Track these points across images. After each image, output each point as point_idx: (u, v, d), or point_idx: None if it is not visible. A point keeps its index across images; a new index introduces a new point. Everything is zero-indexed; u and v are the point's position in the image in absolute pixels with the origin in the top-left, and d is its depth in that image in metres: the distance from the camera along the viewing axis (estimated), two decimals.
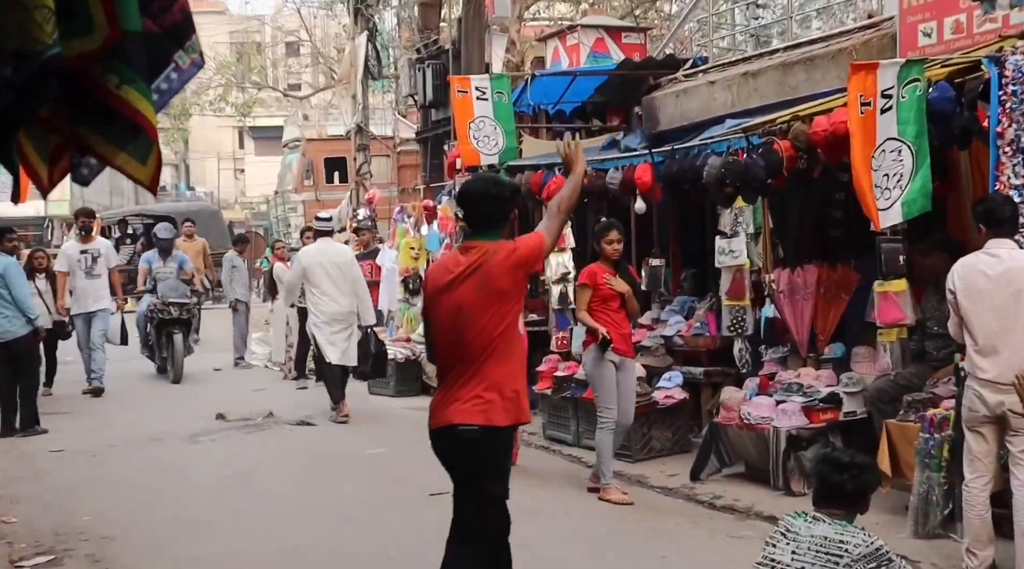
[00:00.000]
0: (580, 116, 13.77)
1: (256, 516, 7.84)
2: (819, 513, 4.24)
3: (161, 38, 3.45)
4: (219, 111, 36.52)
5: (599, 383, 8.16)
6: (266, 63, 37.28)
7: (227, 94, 34.55)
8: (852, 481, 4.27)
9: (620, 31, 17.44)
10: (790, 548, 4.16)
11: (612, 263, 8.21)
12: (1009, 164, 6.51)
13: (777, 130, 8.50)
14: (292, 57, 43.08)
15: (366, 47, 18.11)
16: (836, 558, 4.03)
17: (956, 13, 8.35)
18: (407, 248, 15.13)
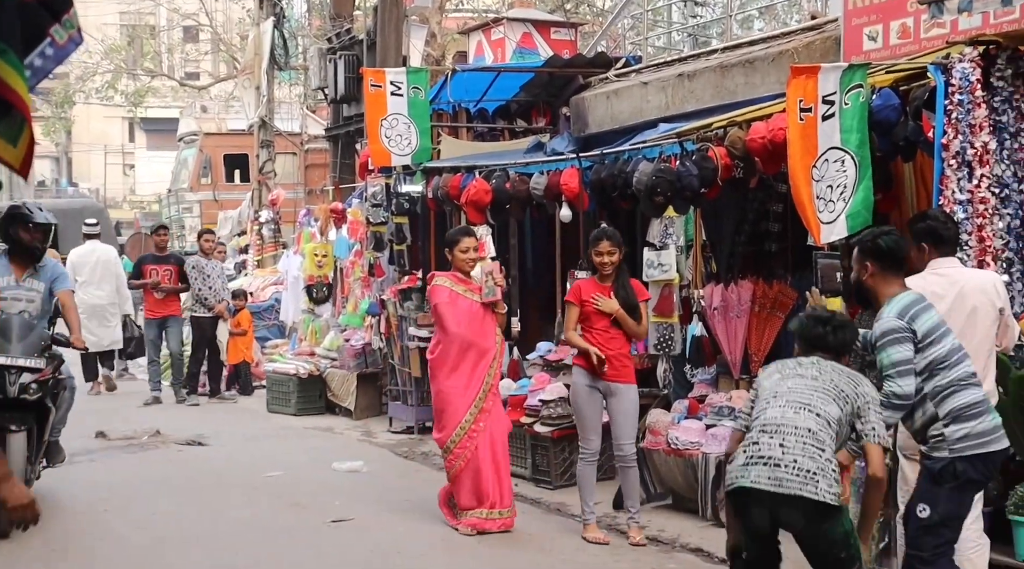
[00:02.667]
0: (503, 116, 13.82)
1: (141, 545, 7.72)
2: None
3: (37, 8, 3.40)
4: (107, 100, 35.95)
5: (578, 412, 7.93)
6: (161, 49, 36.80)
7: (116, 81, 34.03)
8: (833, 333, 5.21)
9: (549, 26, 17.60)
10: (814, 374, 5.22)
11: (609, 277, 7.78)
12: (954, 177, 6.67)
13: (712, 136, 8.63)
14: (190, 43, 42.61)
15: (272, 34, 17.98)
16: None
17: (903, 17, 8.56)
18: (312, 254, 15.06)
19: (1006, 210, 6.70)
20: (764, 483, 4.94)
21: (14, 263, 8.47)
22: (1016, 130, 6.72)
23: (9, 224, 8.49)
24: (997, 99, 6.71)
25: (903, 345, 5.40)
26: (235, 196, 24.62)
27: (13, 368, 7.57)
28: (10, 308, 8.10)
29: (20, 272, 8.44)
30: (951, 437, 5.38)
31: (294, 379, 13.75)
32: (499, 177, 10.80)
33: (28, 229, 8.43)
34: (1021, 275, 6.71)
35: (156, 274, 14.39)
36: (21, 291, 8.36)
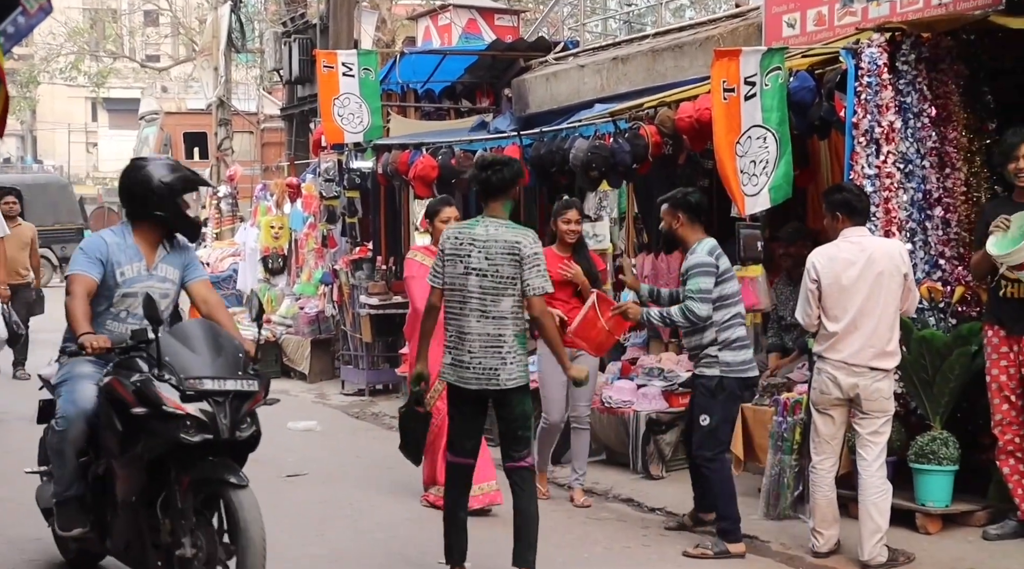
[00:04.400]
0: (449, 96, 13.86)
1: None
2: (487, 218, 5.74)
3: None
4: (71, 80, 35.44)
5: (544, 384, 7.64)
6: (122, 32, 36.29)
7: (79, 62, 33.55)
8: (495, 174, 5.72)
9: (493, 12, 17.57)
10: (483, 254, 5.62)
11: (569, 247, 7.57)
12: (863, 154, 6.83)
13: (644, 115, 8.74)
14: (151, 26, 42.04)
15: (229, 18, 17.85)
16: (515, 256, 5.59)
17: (818, 5, 8.69)
18: (268, 227, 15.03)
19: (910, 184, 6.86)
20: (459, 381, 5.67)
21: (143, 241, 5.49)
22: (919, 110, 6.87)
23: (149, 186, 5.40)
24: (902, 82, 6.86)
25: (708, 278, 6.43)
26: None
27: (220, 394, 4.87)
28: (137, 307, 5.34)
29: (151, 255, 5.51)
30: (723, 360, 6.47)
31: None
32: (445, 154, 10.86)
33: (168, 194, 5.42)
34: (923, 244, 6.88)
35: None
36: (154, 282, 5.46)
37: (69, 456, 5.25)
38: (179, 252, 5.61)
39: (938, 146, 6.95)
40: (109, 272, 5.37)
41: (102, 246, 5.42)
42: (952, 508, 6.55)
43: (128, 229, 5.50)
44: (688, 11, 26.65)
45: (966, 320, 6.81)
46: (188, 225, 5.66)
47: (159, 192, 5.38)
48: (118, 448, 5.01)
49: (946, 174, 6.96)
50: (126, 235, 5.48)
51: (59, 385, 5.38)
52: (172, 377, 4.83)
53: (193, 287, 5.60)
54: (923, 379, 6.56)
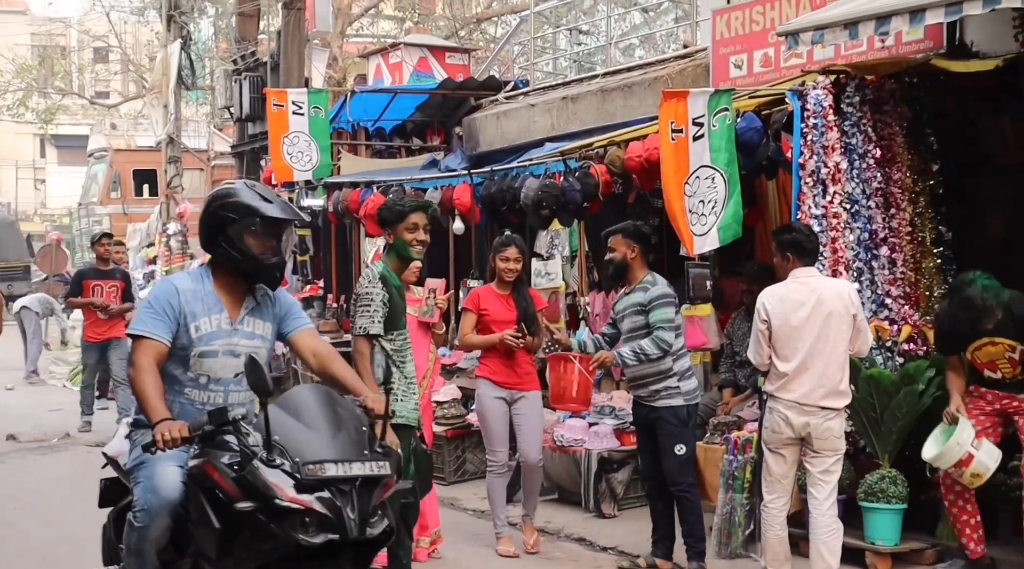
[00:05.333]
0: (400, 135, 13.84)
1: (48, 542, 7.58)
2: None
3: None
4: (18, 117, 35.05)
5: (485, 423, 7.34)
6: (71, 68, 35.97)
7: (27, 99, 33.19)
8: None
9: (444, 51, 17.63)
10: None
11: (508, 285, 7.20)
12: (810, 194, 6.89)
13: (594, 154, 8.79)
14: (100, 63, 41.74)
15: (179, 56, 17.75)
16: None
17: (765, 47, 8.79)
18: None
19: (856, 224, 6.92)
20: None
21: (225, 288, 4.46)
22: (864, 152, 6.95)
23: (226, 223, 4.37)
24: (847, 123, 6.95)
25: (672, 308, 6.56)
26: (144, 209, 24.19)
27: (345, 481, 3.85)
28: (219, 370, 4.38)
29: (236, 306, 4.48)
30: (684, 389, 6.56)
31: None
32: (396, 192, 10.81)
33: (257, 230, 4.38)
34: (870, 283, 6.94)
35: (100, 292, 11.87)
36: (239, 339, 4.43)
37: (150, 557, 4.20)
38: (272, 302, 4.53)
39: (883, 186, 7.03)
40: (182, 327, 4.31)
41: (172, 295, 4.33)
42: (901, 546, 6.56)
43: (207, 273, 4.43)
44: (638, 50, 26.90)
45: (913, 359, 6.86)
46: (267, 270, 4.41)
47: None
48: (215, 550, 3.91)
49: (891, 214, 7.04)
50: (204, 280, 4.41)
51: (135, 469, 4.29)
52: (284, 461, 3.79)
53: (298, 338, 4.57)
54: (871, 418, 6.59)
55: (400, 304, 5.99)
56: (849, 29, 6.59)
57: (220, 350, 4.36)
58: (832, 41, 6.81)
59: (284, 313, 4.58)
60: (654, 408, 6.62)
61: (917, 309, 7.01)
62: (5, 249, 24.37)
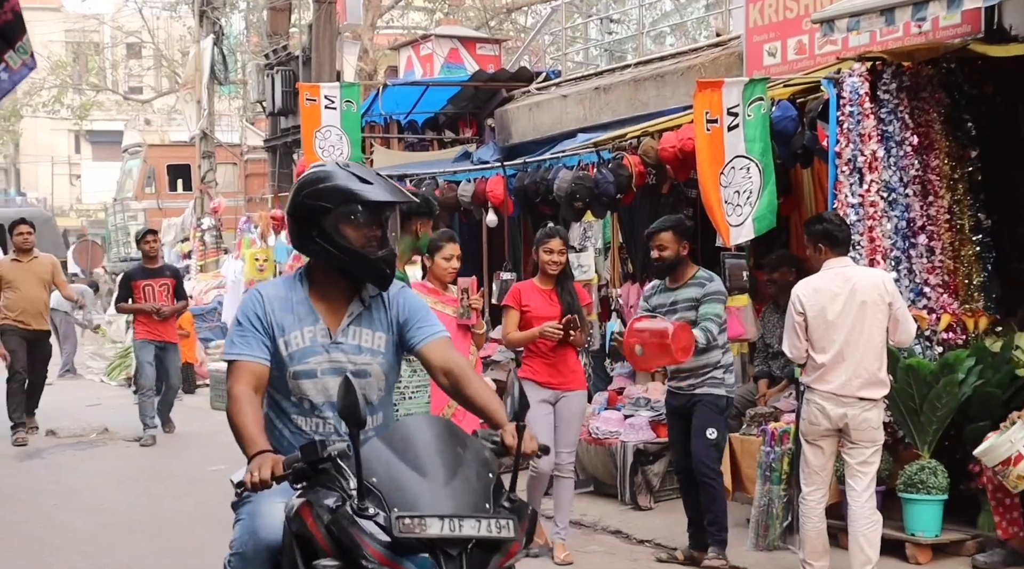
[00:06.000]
0: (432, 127, 13.86)
1: (86, 533, 7.66)
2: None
3: None
4: (54, 114, 35.37)
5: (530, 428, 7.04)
6: (105, 64, 36.26)
7: (62, 96, 33.49)
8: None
9: (474, 42, 17.62)
10: None
11: (552, 279, 6.91)
12: (846, 182, 6.82)
13: (627, 146, 8.74)
14: (133, 59, 42.04)
15: (212, 51, 17.84)
16: None
17: (799, 34, 8.71)
18: (252, 259, 14.97)
19: (893, 213, 6.86)
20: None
21: (322, 298, 3.63)
22: (901, 139, 6.88)
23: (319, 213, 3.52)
24: (884, 110, 6.87)
25: (723, 305, 6.60)
26: (178, 204, 24.38)
27: (454, 544, 3.02)
28: (320, 392, 3.58)
29: (335, 316, 3.63)
30: (727, 381, 6.66)
31: None
32: (429, 185, 10.83)
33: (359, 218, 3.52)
34: (907, 272, 6.87)
35: (151, 292, 11.04)
36: (341, 355, 3.61)
37: None
38: (385, 306, 3.65)
39: (921, 174, 6.96)
40: (274, 342, 3.57)
41: (257, 305, 3.57)
42: (942, 537, 6.50)
43: (301, 278, 3.62)
44: (668, 38, 26.78)
45: (952, 348, 6.79)
46: (373, 266, 3.53)
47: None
48: None
49: (929, 202, 6.97)
50: (297, 286, 3.60)
51: (239, 504, 3.58)
52: (380, 511, 3.01)
53: (428, 351, 3.62)
54: (910, 408, 6.52)
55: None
56: (885, 15, 6.53)
57: (319, 368, 3.56)
58: (868, 28, 6.75)
59: (405, 318, 3.65)
60: (694, 395, 6.61)
61: (956, 297, 6.94)
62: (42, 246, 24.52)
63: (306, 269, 3.64)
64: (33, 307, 11.05)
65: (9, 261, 11.33)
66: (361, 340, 3.62)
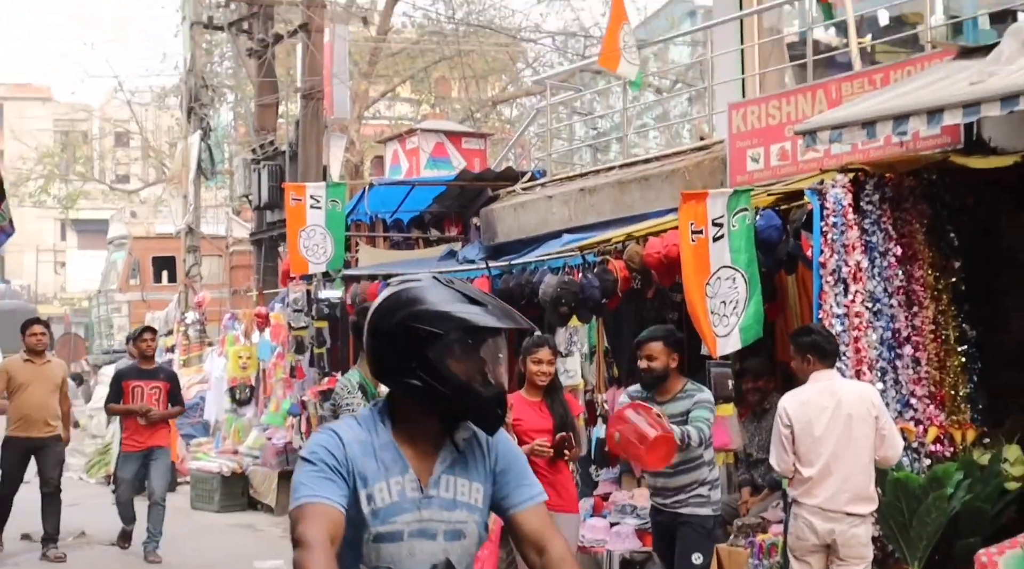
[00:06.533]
0: (418, 226, 13.91)
1: None
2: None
3: None
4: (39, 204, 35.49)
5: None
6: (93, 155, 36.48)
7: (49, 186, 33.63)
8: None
9: (460, 136, 17.77)
10: None
11: (540, 390, 6.65)
12: (831, 293, 6.83)
13: (612, 250, 8.75)
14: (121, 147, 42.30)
15: (199, 147, 17.96)
16: None
17: (782, 141, 8.78)
18: (236, 356, 14.88)
19: (879, 323, 6.85)
20: None
21: (410, 440, 2.95)
22: (885, 249, 6.91)
23: (421, 341, 2.86)
24: (867, 221, 6.91)
25: (712, 414, 6.43)
26: (163, 296, 24.33)
27: None
28: (406, 560, 2.87)
29: (425, 463, 2.96)
30: (713, 499, 6.44)
31: (217, 477, 13.48)
32: None
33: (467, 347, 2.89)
34: (894, 383, 6.85)
35: (141, 394, 10.43)
36: (434, 510, 2.93)
37: None
38: (484, 451, 3.01)
39: (905, 284, 6.98)
40: (353, 494, 2.85)
41: (335, 446, 2.87)
42: None
43: (381, 416, 2.93)
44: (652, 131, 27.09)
45: (940, 460, 6.74)
46: (486, 405, 2.91)
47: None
48: None
49: (914, 312, 6.97)
50: (378, 426, 2.91)
51: None
52: None
53: (525, 518, 3.00)
54: (899, 522, 6.45)
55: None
56: (867, 128, 6.59)
57: (406, 530, 2.87)
58: (850, 140, 6.81)
59: (503, 469, 3.01)
60: (679, 515, 6.45)
61: (943, 409, 6.91)
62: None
63: (385, 405, 2.95)
64: (39, 414, 10.40)
65: (21, 362, 10.57)
66: (457, 492, 2.93)
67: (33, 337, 10.51)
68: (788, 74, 11.22)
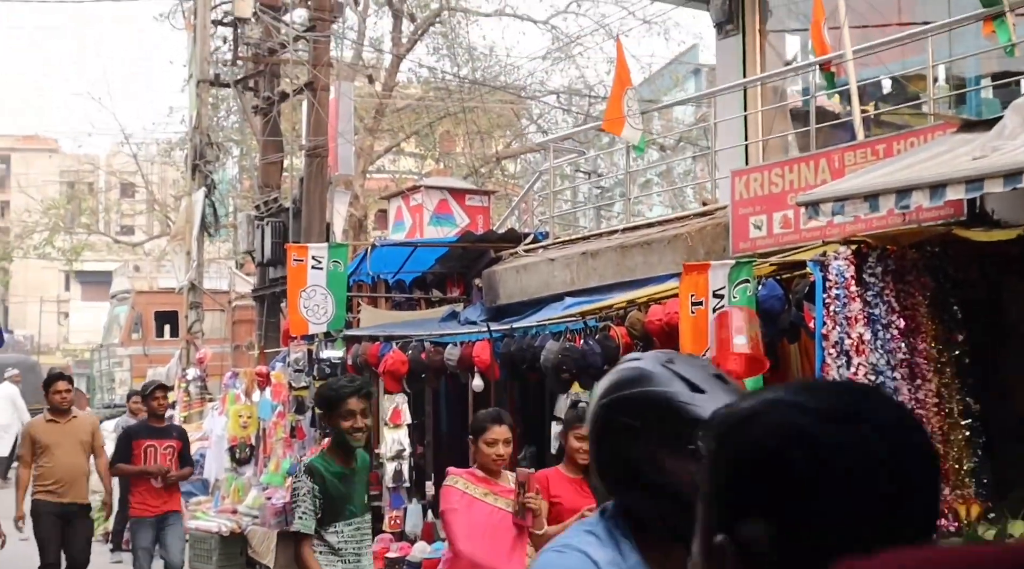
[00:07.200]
0: (420, 286, 13.91)
1: None
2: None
3: None
4: (44, 256, 35.62)
5: None
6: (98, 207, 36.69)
7: (53, 238, 33.78)
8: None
9: (464, 193, 17.83)
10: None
11: (581, 469, 5.99)
12: (834, 365, 6.80)
13: (614, 316, 8.74)
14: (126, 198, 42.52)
15: (203, 204, 18.03)
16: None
17: (784, 209, 8.80)
18: (236, 416, 14.81)
19: None
20: None
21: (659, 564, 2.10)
22: (887, 322, 6.88)
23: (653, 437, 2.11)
24: (870, 293, 6.88)
25: None
26: (165, 351, 24.31)
27: None
28: None
29: None
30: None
31: (216, 537, 13.36)
32: (415, 348, 10.80)
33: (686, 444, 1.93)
34: None
35: (154, 454, 9.81)
36: None
37: None
38: None
39: (908, 357, 6.94)
40: None
41: None
42: None
43: (619, 531, 2.16)
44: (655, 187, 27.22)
45: (945, 536, 6.66)
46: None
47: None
48: None
49: (917, 385, 6.93)
50: (622, 546, 2.13)
51: None
52: None
53: None
54: None
55: (343, 491, 5.58)
56: (869, 201, 6.59)
57: None
58: (852, 213, 6.81)
59: None
60: None
61: (947, 484, 6.84)
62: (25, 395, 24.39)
63: (620, 517, 2.16)
64: (70, 475, 9.66)
65: (44, 422, 9.94)
66: None
67: (57, 395, 9.85)
68: (791, 138, 11.28)
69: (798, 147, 11.15)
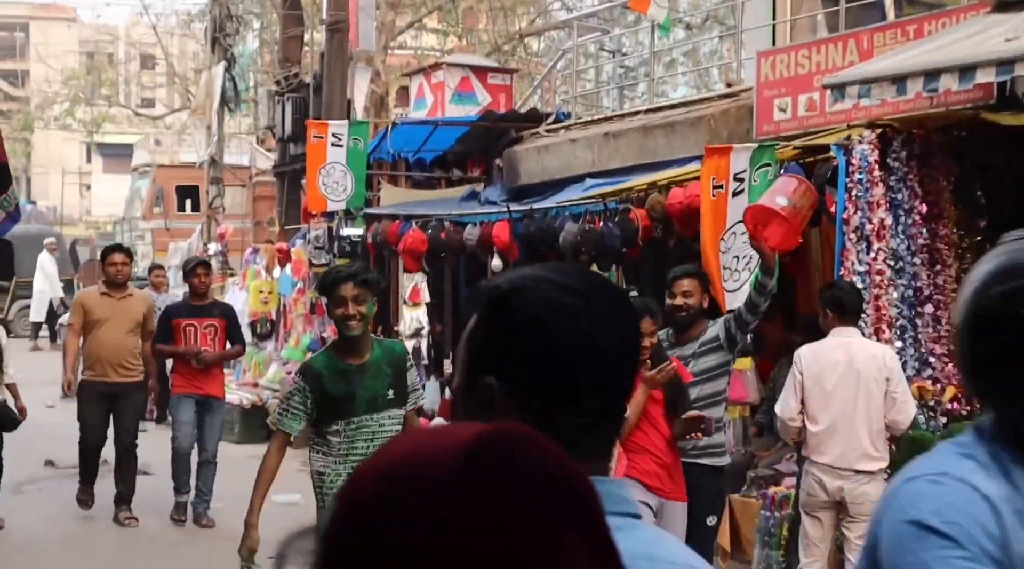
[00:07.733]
0: (440, 165, 13.84)
1: None
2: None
3: None
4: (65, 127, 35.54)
5: None
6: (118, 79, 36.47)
7: (74, 109, 33.65)
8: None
9: (486, 71, 17.61)
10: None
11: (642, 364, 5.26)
12: (854, 250, 6.80)
13: (634, 198, 8.71)
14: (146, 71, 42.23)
15: (223, 78, 17.90)
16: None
17: (810, 91, 8.66)
18: (257, 291, 14.95)
19: (900, 281, 6.83)
20: None
21: None
22: (909, 207, 6.85)
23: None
24: (893, 178, 6.85)
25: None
26: (186, 225, 24.41)
27: None
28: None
29: None
30: (727, 446, 6.42)
31: (238, 409, 13.61)
32: (435, 227, 10.81)
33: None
34: (913, 341, 6.83)
35: (194, 333, 9.23)
36: None
37: None
38: None
39: (929, 243, 6.93)
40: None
41: (990, 519, 1.61)
42: None
43: (1010, 456, 1.69)
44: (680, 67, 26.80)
45: (956, 419, 6.74)
46: None
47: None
48: None
49: (937, 271, 6.94)
50: (996, 474, 1.67)
51: None
52: None
53: None
54: None
55: (343, 390, 5.13)
56: (897, 85, 6.50)
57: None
58: (879, 96, 6.71)
59: None
60: (696, 464, 6.00)
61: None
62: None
63: (1006, 439, 1.71)
64: (117, 355, 9.16)
65: (97, 295, 9.31)
66: None
67: (113, 267, 9.17)
68: (820, 18, 11.05)
69: (827, 27, 10.93)
